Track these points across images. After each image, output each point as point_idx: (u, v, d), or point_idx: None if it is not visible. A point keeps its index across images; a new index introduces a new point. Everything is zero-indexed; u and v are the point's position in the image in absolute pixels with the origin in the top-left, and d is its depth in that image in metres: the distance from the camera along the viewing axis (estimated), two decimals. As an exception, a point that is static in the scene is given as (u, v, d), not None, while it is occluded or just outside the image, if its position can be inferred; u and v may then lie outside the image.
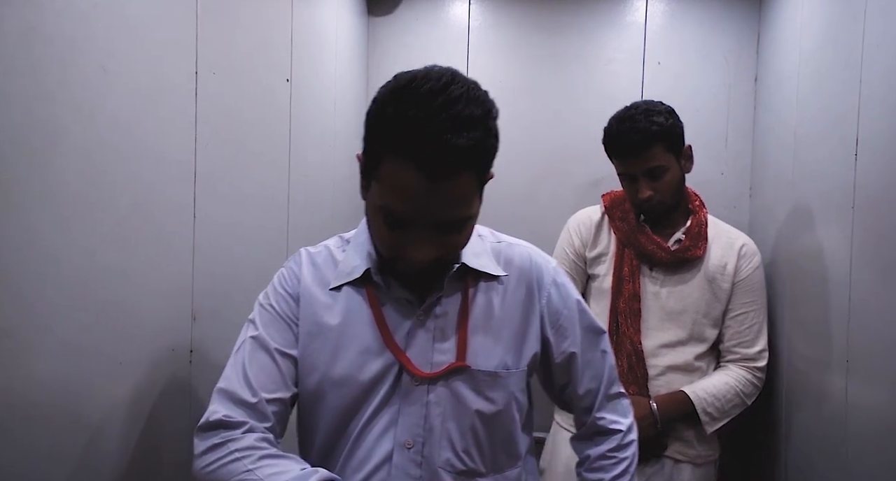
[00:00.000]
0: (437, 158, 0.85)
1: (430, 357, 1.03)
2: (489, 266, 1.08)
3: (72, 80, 0.93)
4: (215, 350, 1.37)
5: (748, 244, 1.83)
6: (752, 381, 1.77)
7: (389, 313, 1.04)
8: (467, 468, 1.04)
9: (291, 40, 1.69)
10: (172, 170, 1.20)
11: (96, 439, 1.02)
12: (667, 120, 1.72)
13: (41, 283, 0.89)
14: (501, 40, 2.37)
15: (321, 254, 1.12)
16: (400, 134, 0.86)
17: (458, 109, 0.86)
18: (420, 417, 1.02)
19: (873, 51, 1.39)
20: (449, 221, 0.93)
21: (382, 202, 0.92)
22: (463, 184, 0.89)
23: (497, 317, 1.07)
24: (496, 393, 1.05)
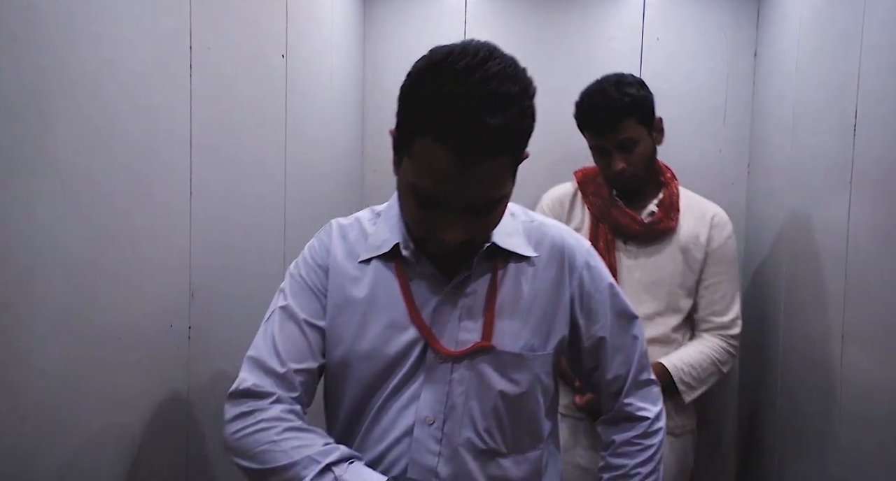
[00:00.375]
0: (472, 139, 0.83)
1: (456, 335, 1.02)
2: (520, 246, 1.06)
3: (66, 55, 0.92)
4: (214, 326, 1.37)
5: (719, 214, 1.84)
6: (727, 349, 1.79)
7: (417, 288, 1.04)
8: (488, 447, 1.03)
9: (287, 16, 1.67)
10: (168, 145, 1.19)
11: (95, 414, 1.03)
12: (638, 91, 1.73)
13: (38, 259, 0.89)
14: (500, 16, 2.35)
15: (352, 227, 1.10)
16: (435, 112, 0.84)
17: (495, 86, 0.84)
18: (443, 394, 1.01)
19: (873, 25, 1.38)
20: (481, 203, 0.91)
21: (414, 180, 0.90)
22: (497, 165, 0.88)
23: (526, 298, 1.05)
24: (521, 374, 1.04)
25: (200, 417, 1.34)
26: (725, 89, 2.28)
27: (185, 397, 1.29)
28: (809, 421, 1.66)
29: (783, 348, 1.88)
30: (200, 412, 1.34)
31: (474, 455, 1.02)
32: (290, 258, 1.73)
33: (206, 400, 1.36)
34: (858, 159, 1.41)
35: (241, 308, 1.48)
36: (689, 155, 2.29)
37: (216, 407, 1.40)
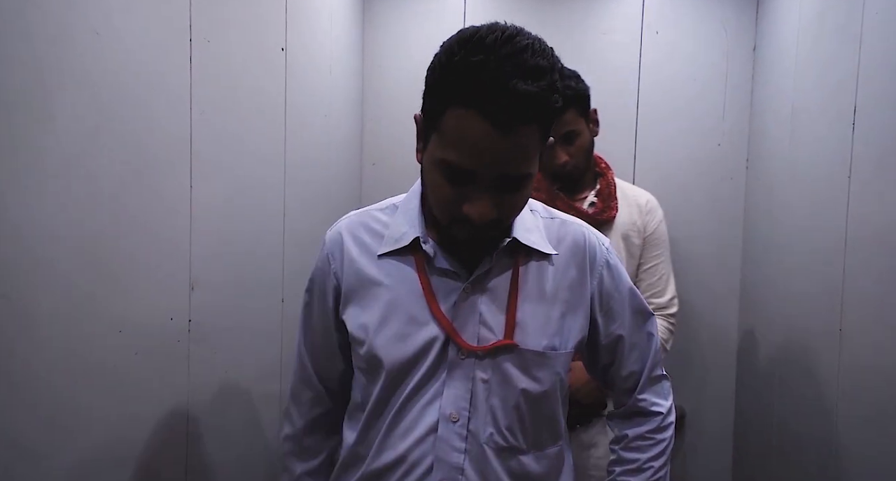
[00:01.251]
0: (504, 106, 0.83)
1: (477, 331, 1.01)
2: (540, 243, 1.04)
3: (64, 45, 0.92)
4: (213, 318, 1.38)
5: (651, 199, 1.89)
6: (668, 328, 1.83)
7: (437, 283, 1.02)
8: (509, 444, 1.03)
9: (286, 9, 1.67)
10: (168, 139, 1.19)
11: (96, 406, 1.03)
12: (576, 84, 1.73)
13: (39, 253, 0.90)
14: (500, 7, 2.35)
15: (365, 223, 1.09)
16: (466, 81, 0.85)
17: (525, 58, 0.85)
18: (466, 391, 1.01)
19: (873, 19, 1.38)
20: (511, 176, 0.89)
21: (443, 155, 0.89)
22: (527, 136, 0.87)
23: (547, 296, 1.04)
24: (543, 373, 1.03)
25: (200, 409, 1.35)
26: (724, 83, 2.28)
27: (185, 389, 1.29)
28: (807, 413, 1.67)
29: (781, 341, 1.88)
30: (200, 404, 1.35)
31: (497, 452, 1.02)
32: (289, 250, 1.73)
33: (206, 392, 1.37)
34: (857, 153, 1.42)
35: (241, 300, 1.49)
36: (688, 148, 2.29)
37: (215, 399, 1.41)
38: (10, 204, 0.84)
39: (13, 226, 0.85)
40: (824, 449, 1.54)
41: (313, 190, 1.91)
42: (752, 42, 2.26)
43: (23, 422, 0.89)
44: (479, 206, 0.90)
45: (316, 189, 1.93)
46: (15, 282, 0.86)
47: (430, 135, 0.92)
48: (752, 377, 2.16)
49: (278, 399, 1.72)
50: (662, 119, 2.30)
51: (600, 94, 1.79)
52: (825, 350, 1.55)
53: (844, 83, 1.48)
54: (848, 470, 1.43)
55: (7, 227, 0.84)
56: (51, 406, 0.94)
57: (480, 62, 0.84)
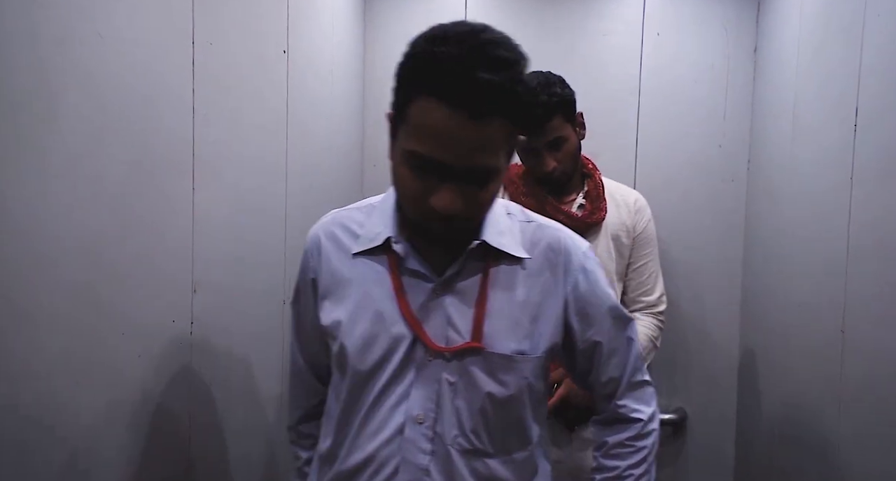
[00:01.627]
0: (468, 94, 0.85)
1: (445, 333, 1.01)
2: (511, 246, 1.04)
3: (68, 47, 0.92)
4: (215, 321, 1.38)
5: (640, 199, 1.90)
6: (658, 325, 1.85)
7: (408, 283, 1.03)
8: (474, 447, 1.03)
9: (288, 12, 1.67)
10: (171, 141, 1.19)
11: (98, 408, 1.03)
12: (562, 90, 1.74)
13: (42, 255, 0.90)
14: (500, 10, 2.35)
15: (342, 222, 1.10)
16: (430, 71, 0.87)
17: (489, 50, 0.87)
18: (433, 392, 1.01)
19: (874, 20, 1.38)
20: (475, 168, 0.90)
21: (409, 146, 0.90)
22: (492, 128, 0.88)
23: (517, 300, 1.04)
24: (510, 377, 1.03)
25: (202, 411, 1.35)
26: (726, 85, 2.28)
27: (187, 391, 1.29)
28: (809, 416, 1.67)
29: (783, 341, 1.88)
30: (202, 406, 1.35)
31: (462, 454, 1.02)
32: (290, 252, 1.73)
33: (208, 394, 1.37)
34: (859, 155, 1.42)
35: (243, 303, 1.49)
36: (688, 150, 2.29)
37: (217, 401, 1.41)
38: (13, 205, 0.84)
39: (16, 227, 0.85)
40: (826, 454, 1.53)
41: (315, 191, 1.91)
42: (753, 43, 2.26)
43: (24, 423, 0.89)
44: (445, 198, 0.90)
45: (317, 190, 1.93)
46: (17, 283, 0.86)
47: (397, 131, 0.94)
48: (753, 380, 2.16)
49: (280, 401, 1.72)
50: (663, 120, 2.30)
51: (600, 95, 1.80)
52: (827, 353, 1.54)
53: (846, 84, 1.48)
54: (850, 475, 1.43)
55: (10, 228, 0.84)
56: (52, 407, 0.94)
57: (444, 53, 0.86)
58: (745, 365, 2.26)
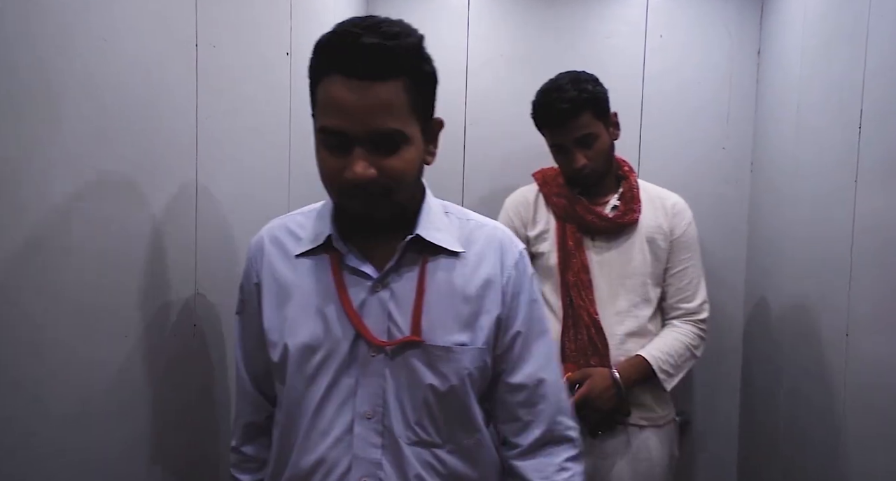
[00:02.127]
0: (357, 59, 0.91)
1: (385, 328, 1.04)
2: (447, 241, 1.07)
3: (71, 51, 0.92)
4: (218, 324, 1.38)
5: (679, 202, 1.87)
6: (698, 334, 1.81)
7: (350, 281, 1.05)
8: (421, 439, 1.05)
9: (291, 13, 1.67)
10: (174, 142, 1.19)
11: (101, 410, 1.03)
12: (593, 87, 1.75)
13: (45, 256, 0.89)
14: (500, 12, 2.35)
15: (284, 226, 1.13)
16: (326, 49, 0.95)
17: (384, 25, 0.94)
18: (378, 387, 1.03)
19: (878, 21, 1.38)
20: (377, 132, 0.94)
21: (318, 124, 0.96)
22: (388, 90, 0.93)
23: (456, 293, 1.06)
24: (450, 368, 1.04)
25: (205, 414, 1.35)
26: (729, 87, 2.28)
27: (190, 394, 1.29)
28: (813, 420, 1.66)
29: (787, 344, 1.88)
30: (205, 409, 1.34)
31: (411, 446, 1.04)
32: (293, 255, 1.73)
33: (211, 397, 1.36)
34: (864, 157, 1.41)
35: (246, 305, 1.48)
36: (692, 152, 2.29)
37: (219, 405, 1.41)
38: (17, 208, 0.84)
39: (18, 229, 0.85)
40: (830, 457, 1.53)
41: (317, 193, 1.90)
42: (756, 45, 2.26)
43: (28, 427, 0.89)
44: (355, 166, 0.94)
45: (320, 192, 1.92)
46: (19, 286, 0.86)
47: (314, 116, 0.99)
48: (757, 382, 2.16)
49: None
50: (666, 122, 2.29)
51: (605, 97, 1.79)
52: (832, 355, 1.54)
53: (850, 86, 1.48)
54: (854, 479, 1.42)
55: (12, 230, 0.84)
56: (56, 411, 0.93)
57: (337, 32, 0.94)
58: (748, 367, 2.26)
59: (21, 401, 0.87)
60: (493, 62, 2.35)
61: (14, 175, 0.84)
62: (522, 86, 2.34)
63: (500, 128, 2.35)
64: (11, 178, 0.83)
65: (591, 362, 1.75)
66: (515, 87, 2.34)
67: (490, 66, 2.34)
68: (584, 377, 1.72)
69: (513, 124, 2.35)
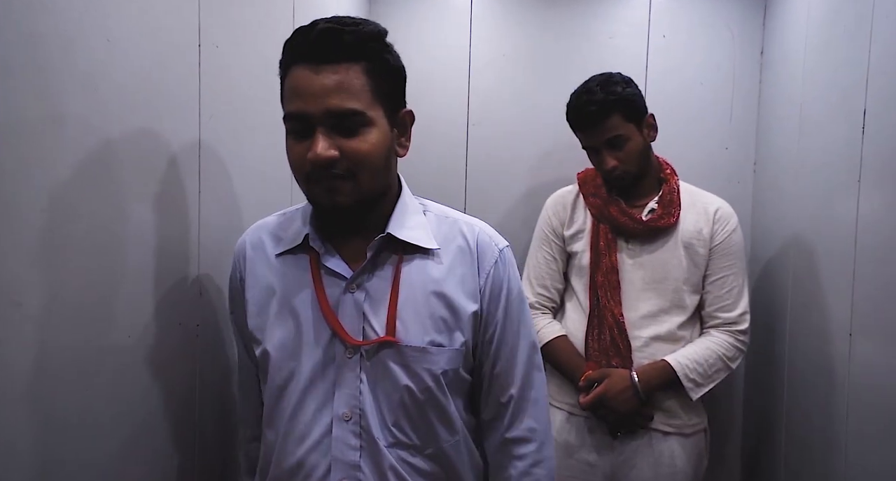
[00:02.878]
0: (318, 44, 0.95)
1: (360, 328, 1.03)
2: (421, 239, 1.06)
3: (75, 52, 0.92)
4: (222, 324, 1.38)
5: (723, 208, 1.82)
6: (735, 345, 1.77)
7: (327, 281, 1.06)
8: (398, 440, 1.04)
9: (293, 14, 1.67)
10: (177, 143, 1.19)
11: (105, 411, 1.03)
12: (623, 89, 1.74)
13: (48, 258, 0.90)
14: (503, 13, 2.35)
15: (268, 228, 1.15)
16: (290, 41, 0.99)
17: (345, 18, 0.99)
18: (355, 389, 1.03)
19: (882, 22, 1.38)
20: (334, 112, 0.95)
21: (284, 112, 1.00)
22: (347, 72, 0.96)
23: (430, 292, 1.05)
24: (425, 369, 1.04)
25: (209, 415, 1.35)
26: (732, 87, 2.28)
27: (194, 395, 1.29)
28: (816, 420, 1.66)
29: (790, 347, 1.87)
30: (209, 410, 1.34)
31: (390, 447, 1.04)
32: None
33: (215, 398, 1.36)
34: (867, 157, 1.41)
35: (249, 306, 1.49)
36: (695, 152, 2.29)
37: (224, 405, 1.41)
38: (20, 211, 0.85)
39: (21, 230, 0.85)
40: (834, 458, 1.53)
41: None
42: (759, 45, 2.25)
43: (32, 430, 0.89)
44: (315, 147, 0.96)
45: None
46: (23, 287, 0.86)
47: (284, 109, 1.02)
48: (760, 384, 2.15)
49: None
50: (669, 122, 2.28)
51: (607, 98, 1.78)
52: (835, 355, 1.54)
53: (854, 86, 1.48)
54: (858, 477, 1.42)
55: (15, 232, 0.84)
56: (61, 413, 0.94)
57: (303, 27, 0.98)
58: (751, 368, 2.25)
59: (22, 402, 0.87)
60: (496, 62, 2.35)
61: (16, 175, 0.84)
62: (525, 86, 2.35)
63: (503, 128, 2.35)
64: (13, 178, 0.83)
65: (613, 363, 1.74)
66: (518, 88, 2.34)
67: (493, 67, 2.34)
68: (603, 376, 1.72)
69: (515, 124, 2.35)
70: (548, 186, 2.15)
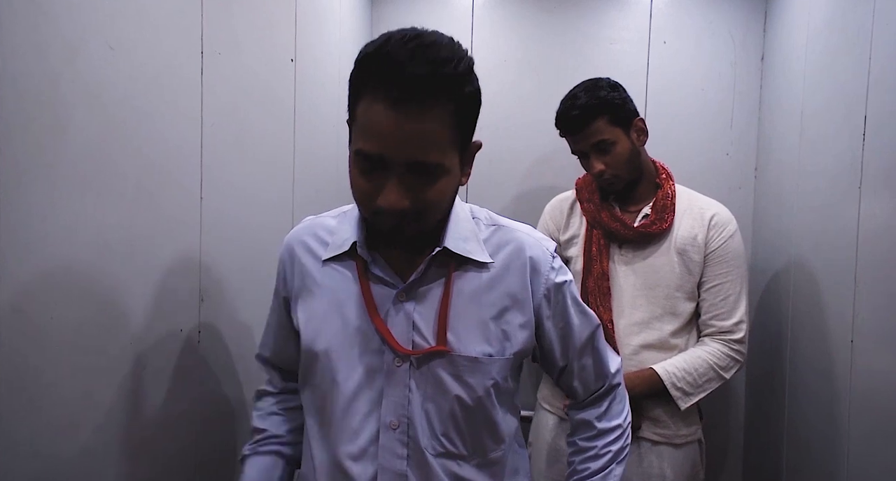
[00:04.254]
0: (400, 87, 0.86)
1: (410, 338, 1.02)
2: (475, 251, 1.05)
3: (78, 59, 0.93)
4: (223, 329, 1.38)
5: (720, 213, 1.78)
6: (729, 354, 1.73)
7: (376, 290, 1.04)
8: (447, 450, 1.04)
9: (295, 20, 1.68)
10: (179, 149, 1.20)
11: (108, 416, 1.03)
12: (608, 93, 1.72)
13: (51, 265, 0.90)
14: (505, 18, 2.36)
15: (315, 230, 1.13)
16: (370, 70, 0.89)
17: (431, 48, 0.88)
18: (403, 398, 1.02)
19: (882, 28, 1.38)
20: (415, 163, 0.90)
21: (356, 145, 0.92)
22: (432, 120, 0.88)
23: (482, 303, 1.04)
24: (476, 379, 1.03)
25: (211, 420, 1.35)
26: (733, 93, 2.28)
27: (196, 400, 1.29)
28: (817, 427, 1.66)
29: (791, 353, 1.87)
30: (210, 414, 1.35)
31: (437, 457, 1.03)
32: (298, 261, 1.73)
33: (216, 403, 1.37)
34: (868, 163, 1.41)
35: (251, 311, 1.49)
36: (696, 158, 2.29)
37: (226, 410, 1.41)
38: (23, 219, 0.85)
39: (24, 238, 0.86)
40: (836, 463, 1.52)
41: (322, 199, 1.91)
42: (760, 51, 2.26)
43: (35, 435, 0.89)
44: (389, 195, 0.91)
45: (324, 198, 1.94)
46: (25, 293, 0.86)
47: (351, 133, 0.95)
48: (761, 389, 2.15)
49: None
50: (670, 128, 2.30)
51: (608, 104, 1.79)
52: (836, 361, 1.54)
53: (854, 92, 1.48)
54: (860, 482, 1.42)
55: (19, 239, 0.85)
56: (63, 418, 0.94)
57: (382, 52, 0.88)
58: (752, 374, 2.25)
59: (23, 407, 0.87)
60: (498, 68, 2.36)
61: (20, 181, 0.84)
62: (527, 91, 2.35)
63: (504, 133, 2.35)
64: (18, 184, 0.84)
65: None
66: (520, 93, 2.35)
67: (494, 72, 2.35)
68: None
69: (516, 130, 2.35)
70: (548, 191, 2.16)
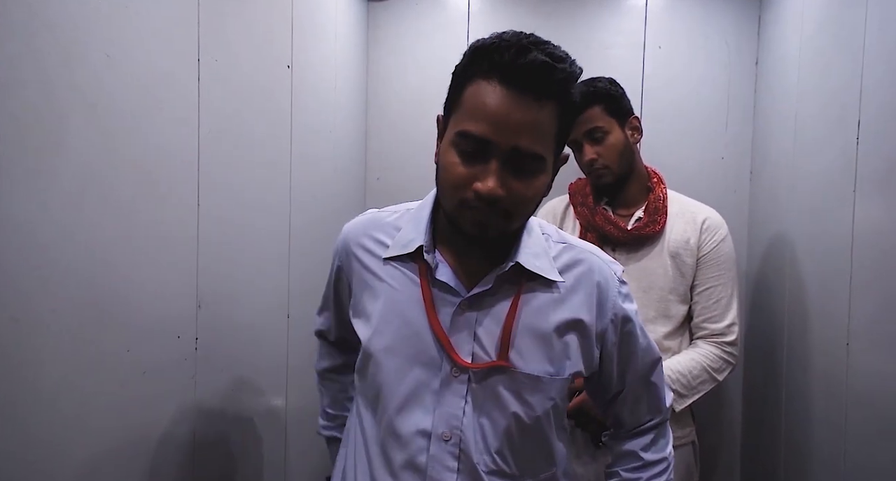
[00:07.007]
0: (523, 71, 0.88)
1: (471, 349, 0.99)
2: (547, 269, 1.02)
3: (75, 67, 0.93)
4: (220, 336, 1.38)
5: (711, 217, 1.79)
6: (721, 356, 1.73)
7: (437, 295, 1.00)
8: (499, 468, 1.01)
9: (292, 26, 1.68)
10: (176, 156, 1.20)
11: (104, 423, 1.03)
12: (606, 85, 1.77)
13: (48, 274, 0.90)
14: (501, 23, 2.35)
15: (378, 225, 1.09)
16: (490, 54, 0.91)
17: (548, 45, 0.93)
18: (458, 410, 0.99)
19: (875, 33, 1.39)
20: (522, 153, 0.89)
21: (460, 127, 0.91)
22: (542, 112, 0.90)
23: (548, 321, 1.01)
24: (536, 397, 1.00)
25: (206, 426, 1.35)
26: (727, 96, 2.29)
27: (192, 407, 1.29)
28: (814, 430, 1.66)
29: (787, 356, 1.88)
30: (207, 421, 1.34)
31: (489, 474, 1.00)
32: (294, 267, 1.74)
33: (213, 410, 1.36)
34: (862, 166, 1.42)
35: (248, 318, 1.49)
36: (691, 162, 2.30)
37: (222, 416, 1.41)
38: (20, 222, 0.85)
39: (22, 244, 0.86)
40: (833, 465, 1.53)
41: (319, 206, 1.92)
42: (754, 56, 2.27)
43: (32, 442, 0.89)
44: (488, 180, 0.89)
45: (321, 205, 1.94)
46: (23, 300, 0.86)
47: (447, 125, 0.95)
48: (758, 393, 2.16)
49: (284, 415, 1.72)
50: (665, 133, 2.30)
51: (604, 108, 1.79)
52: (832, 364, 1.54)
53: (848, 96, 1.49)
54: (858, 485, 1.42)
55: (17, 246, 0.85)
56: (60, 425, 0.94)
57: (504, 41, 0.91)
58: (749, 376, 2.26)
59: (21, 411, 0.87)
60: (493, 73, 2.36)
61: (17, 189, 0.84)
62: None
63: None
64: (15, 192, 0.84)
65: None
66: (515, 98, 2.35)
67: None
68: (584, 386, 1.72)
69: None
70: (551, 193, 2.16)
